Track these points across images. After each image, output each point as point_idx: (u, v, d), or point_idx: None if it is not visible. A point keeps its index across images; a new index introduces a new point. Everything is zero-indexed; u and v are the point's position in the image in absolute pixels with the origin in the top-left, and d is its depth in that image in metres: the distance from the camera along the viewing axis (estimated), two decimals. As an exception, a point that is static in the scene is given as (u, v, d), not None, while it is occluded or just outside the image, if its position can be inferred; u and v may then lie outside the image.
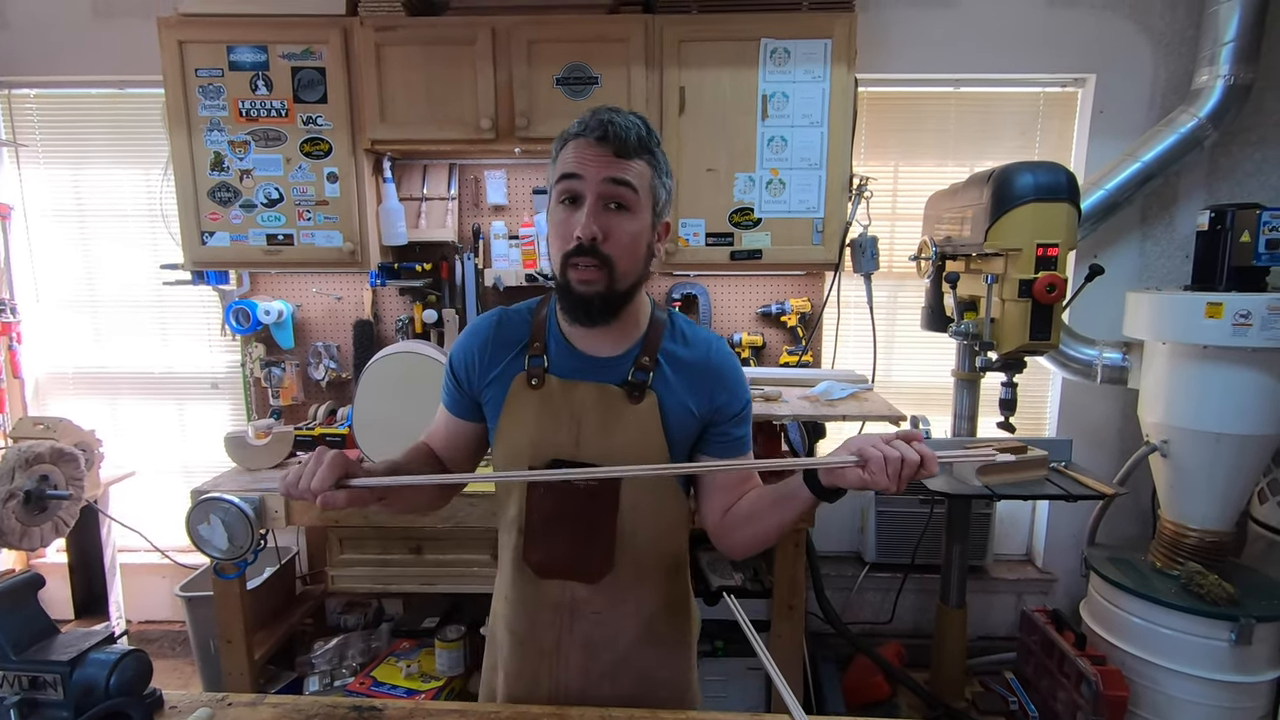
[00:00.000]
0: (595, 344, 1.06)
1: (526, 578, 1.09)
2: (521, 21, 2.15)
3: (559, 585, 1.08)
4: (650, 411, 1.03)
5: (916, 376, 2.74)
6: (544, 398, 1.05)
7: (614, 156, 0.95)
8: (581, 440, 1.04)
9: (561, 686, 1.11)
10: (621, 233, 0.96)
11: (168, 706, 1.05)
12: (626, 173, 0.95)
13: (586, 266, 0.95)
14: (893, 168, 2.65)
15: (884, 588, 2.74)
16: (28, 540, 2.00)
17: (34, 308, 2.81)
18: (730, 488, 1.09)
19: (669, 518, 1.11)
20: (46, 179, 2.76)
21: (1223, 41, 2.22)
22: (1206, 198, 2.49)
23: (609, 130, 0.94)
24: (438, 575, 2.26)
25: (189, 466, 2.87)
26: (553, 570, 1.08)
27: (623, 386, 1.04)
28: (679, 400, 1.05)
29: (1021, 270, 1.89)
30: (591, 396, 1.04)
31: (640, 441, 1.03)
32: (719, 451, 1.08)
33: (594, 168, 0.94)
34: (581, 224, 0.94)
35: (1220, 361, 2.02)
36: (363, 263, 2.33)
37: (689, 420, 1.06)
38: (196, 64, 2.21)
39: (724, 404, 1.07)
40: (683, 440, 1.07)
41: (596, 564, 1.07)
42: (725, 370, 1.08)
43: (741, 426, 1.10)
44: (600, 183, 0.94)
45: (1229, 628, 2.00)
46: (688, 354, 1.07)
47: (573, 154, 0.96)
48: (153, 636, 2.93)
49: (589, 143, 0.95)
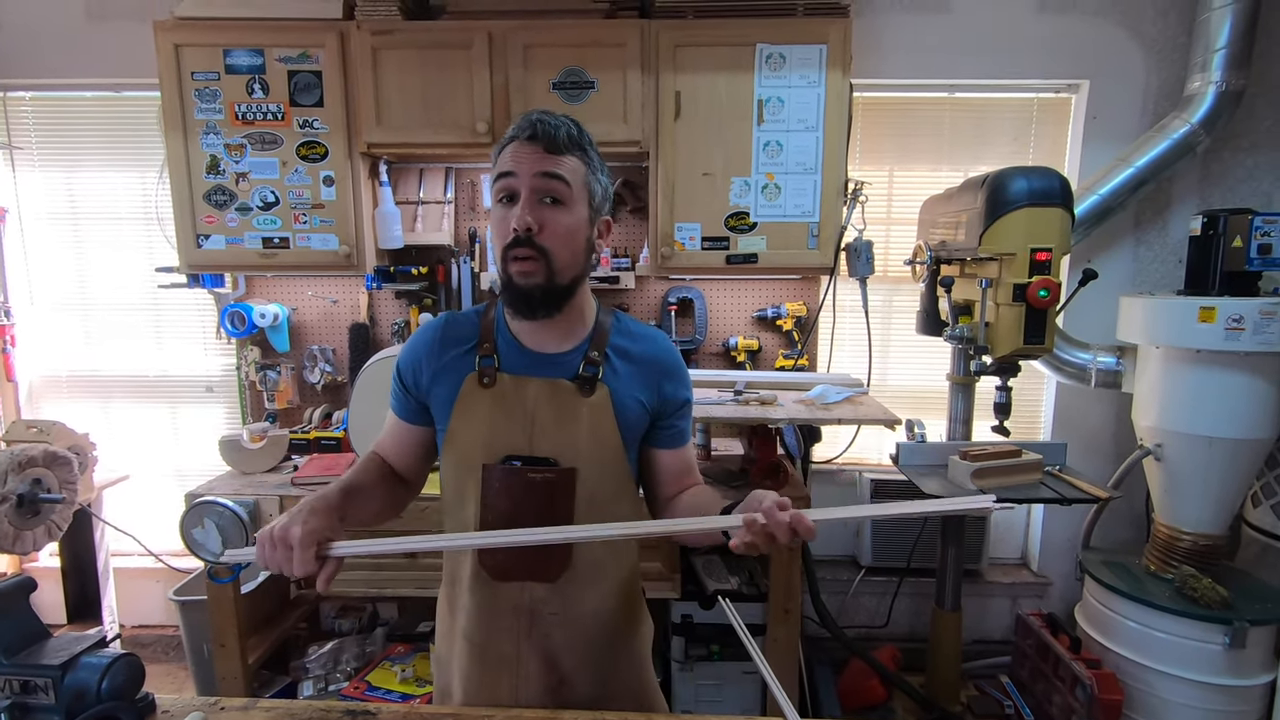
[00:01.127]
0: (544, 340, 1.09)
1: (483, 581, 1.09)
2: (517, 26, 2.16)
3: (517, 587, 1.08)
4: (603, 404, 1.07)
5: (912, 380, 2.74)
6: (496, 396, 1.06)
7: (545, 153, 0.99)
8: (535, 435, 1.06)
9: (521, 694, 1.10)
10: (556, 224, 1.00)
11: (160, 711, 1.05)
12: (558, 167, 0.99)
13: (524, 258, 0.99)
14: (888, 172, 2.66)
15: (879, 591, 2.75)
16: (20, 544, 1.99)
17: (28, 310, 2.80)
18: (676, 479, 1.16)
19: (624, 510, 1.12)
20: (42, 181, 2.75)
21: (1214, 48, 2.24)
22: (1199, 203, 2.50)
23: (538, 129, 0.99)
24: (432, 580, 2.24)
25: (183, 470, 2.86)
26: (511, 571, 1.08)
27: (574, 381, 1.07)
28: (629, 393, 1.08)
29: (1015, 275, 1.90)
30: (544, 392, 1.06)
31: (593, 434, 1.06)
32: (666, 442, 1.14)
33: (526, 164, 0.99)
34: (516, 216, 0.98)
35: (1213, 366, 2.03)
36: (358, 266, 2.33)
37: (639, 412, 1.10)
38: (193, 67, 2.21)
39: (671, 395, 1.12)
40: (634, 432, 1.10)
41: (555, 560, 1.07)
42: (671, 363, 1.13)
43: (685, 419, 1.16)
44: (532, 177, 0.98)
45: (1223, 631, 2.00)
46: (635, 348, 1.11)
47: (509, 154, 1.01)
48: (146, 641, 2.91)
49: (521, 143, 1.00)
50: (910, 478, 2.05)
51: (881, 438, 2.74)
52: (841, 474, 2.78)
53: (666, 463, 1.15)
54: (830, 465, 2.71)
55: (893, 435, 2.21)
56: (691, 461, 1.18)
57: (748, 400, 2.14)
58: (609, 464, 1.08)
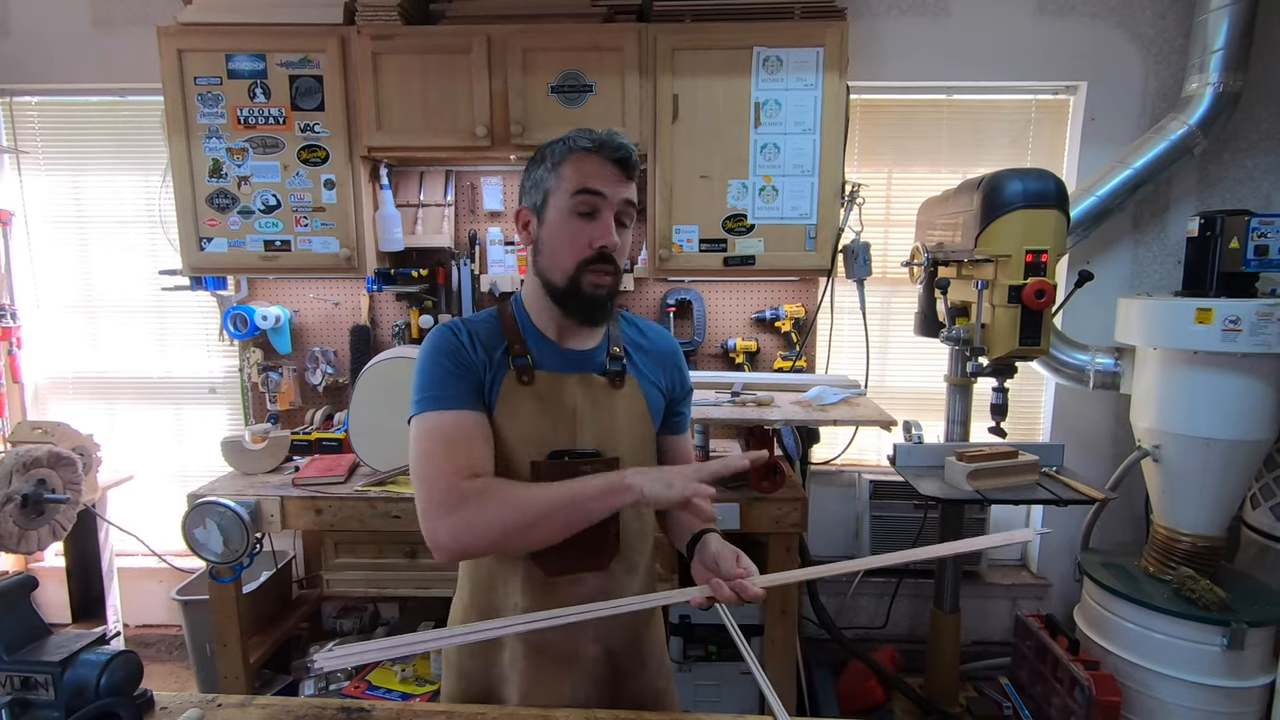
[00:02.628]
0: (571, 340, 1.14)
1: (536, 580, 1.10)
2: (516, 30, 2.18)
3: (570, 581, 1.10)
4: (634, 394, 1.14)
5: (911, 382, 2.75)
6: (537, 394, 1.09)
7: (625, 177, 1.06)
8: (578, 429, 1.10)
9: (580, 690, 1.12)
10: (625, 243, 1.10)
11: (158, 707, 1.06)
12: (633, 194, 1.08)
13: (605, 272, 1.06)
14: (886, 174, 2.67)
15: (878, 593, 2.75)
16: (25, 544, 2.01)
17: (34, 313, 2.83)
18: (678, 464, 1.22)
19: None
20: (47, 185, 2.78)
21: (1212, 49, 2.24)
22: (1198, 204, 2.50)
23: (621, 151, 1.05)
24: (432, 580, 2.27)
25: (186, 471, 2.88)
26: (564, 565, 1.09)
27: (604, 375, 1.13)
28: (650, 382, 1.17)
29: (1011, 276, 1.91)
30: (580, 387, 1.11)
31: (629, 424, 1.13)
32: (672, 429, 1.23)
33: (614, 188, 1.05)
34: (604, 236, 1.05)
35: (1210, 367, 2.03)
36: (359, 268, 2.35)
37: (660, 399, 1.19)
38: (195, 72, 2.23)
39: (680, 382, 1.23)
40: (660, 419, 1.19)
41: (606, 546, 1.11)
42: (677, 354, 1.24)
43: (688, 406, 1.27)
44: (620, 203, 1.06)
45: (1221, 632, 2.00)
46: (647, 342, 1.21)
47: (593, 170, 1.04)
48: (150, 640, 2.94)
49: (604, 161, 1.04)
50: (907, 479, 2.06)
51: (881, 439, 2.75)
52: (841, 475, 2.78)
53: (673, 450, 1.24)
54: (829, 466, 2.71)
55: (891, 436, 2.22)
56: (689, 450, 1.27)
57: (744, 401, 2.15)
58: (643, 451, 1.15)
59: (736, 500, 2.07)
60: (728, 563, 1.00)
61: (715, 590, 0.97)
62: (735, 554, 1.02)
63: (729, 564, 1.00)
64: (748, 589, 0.96)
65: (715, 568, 1.01)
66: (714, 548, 1.05)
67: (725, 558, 1.01)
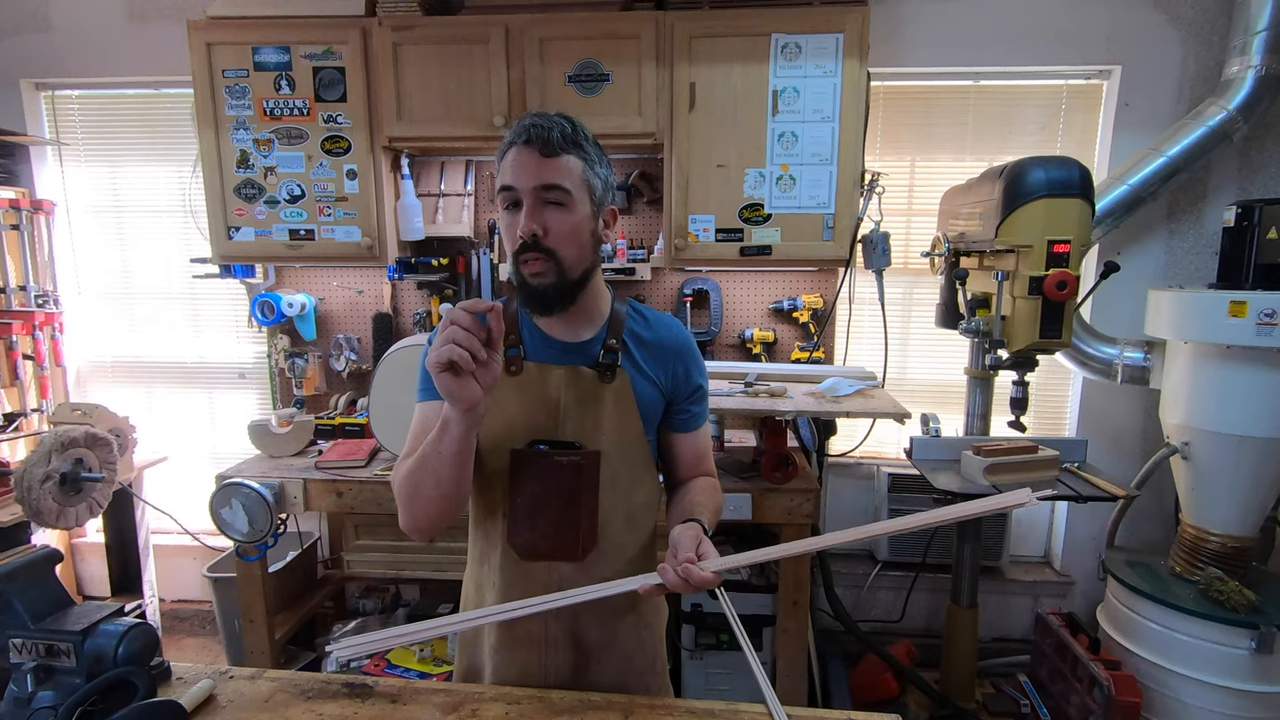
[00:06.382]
0: (564, 331, 1.13)
1: (511, 561, 1.12)
2: (534, 19, 2.18)
3: (544, 568, 1.12)
4: (623, 389, 1.12)
5: (932, 374, 2.70)
6: (522, 384, 1.11)
7: (542, 157, 1.01)
8: (560, 421, 1.11)
9: (550, 673, 1.14)
10: (560, 225, 1.03)
11: (174, 678, 1.11)
12: (555, 174, 1.01)
13: (533, 260, 1.03)
14: (909, 162, 2.62)
15: (895, 586, 2.72)
16: (64, 520, 2.10)
17: (75, 299, 2.95)
18: (690, 464, 1.22)
19: (644, 493, 1.16)
20: (87, 176, 2.89)
21: (1254, 30, 2.14)
22: (1238, 193, 2.41)
23: (532, 133, 1.01)
24: (449, 563, 2.32)
25: (218, 453, 2.98)
26: (538, 551, 1.11)
27: (594, 368, 1.11)
28: (645, 377, 1.14)
29: (1032, 267, 1.86)
30: (567, 379, 1.11)
31: (615, 418, 1.11)
32: (680, 426, 1.20)
33: (524, 176, 1.01)
34: (521, 225, 1.02)
35: (1243, 362, 1.96)
36: (381, 257, 2.39)
37: (655, 396, 1.15)
38: (223, 65, 2.29)
39: (683, 378, 1.17)
40: (652, 415, 1.16)
41: (582, 541, 1.10)
42: (684, 348, 1.18)
43: (700, 404, 1.21)
44: (531, 191, 1.01)
45: (1249, 635, 1.94)
46: (650, 334, 1.16)
47: (509, 163, 1.03)
48: (184, 614, 3.06)
49: (519, 148, 1.02)
50: (923, 472, 2.03)
51: (900, 432, 2.71)
52: (859, 467, 2.76)
53: (680, 447, 1.21)
54: (847, 458, 2.69)
55: (909, 429, 2.18)
56: (705, 449, 1.23)
57: (757, 392, 2.14)
58: (630, 447, 1.13)
59: (749, 490, 2.07)
60: (684, 549, 0.98)
61: (662, 575, 0.96)
62: (696, 539, 1.00)
63: (685, 549, 0.98)
64: (694, 574, 0.94)
65: (674, 554, 1.00)
66: (675, 533, 1.03)
67: (682, 544, 0.99)
